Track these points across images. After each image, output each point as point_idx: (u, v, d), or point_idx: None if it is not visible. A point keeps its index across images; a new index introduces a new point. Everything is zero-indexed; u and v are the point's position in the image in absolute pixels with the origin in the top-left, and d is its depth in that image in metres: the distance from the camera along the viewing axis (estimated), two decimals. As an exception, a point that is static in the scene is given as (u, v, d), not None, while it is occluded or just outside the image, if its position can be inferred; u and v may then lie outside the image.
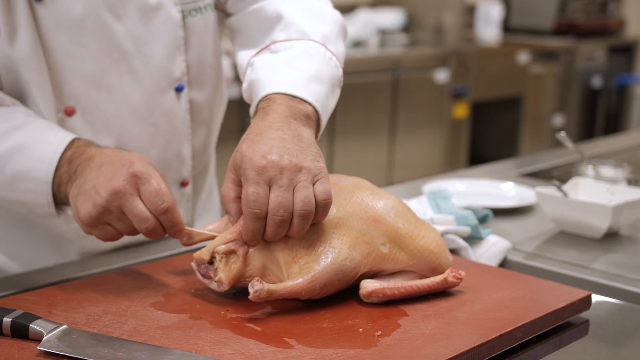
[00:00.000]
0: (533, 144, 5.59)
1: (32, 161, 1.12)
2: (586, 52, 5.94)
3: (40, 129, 1.16)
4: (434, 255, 1.10)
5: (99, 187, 1.04)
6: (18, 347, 0.90)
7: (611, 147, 2.44)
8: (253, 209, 1.00)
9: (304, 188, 1.01)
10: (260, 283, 0.97)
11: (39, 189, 1.13)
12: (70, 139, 1.14)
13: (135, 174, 1.04)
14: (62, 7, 1.19)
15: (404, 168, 4.70)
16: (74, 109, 1.25)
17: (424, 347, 0.92)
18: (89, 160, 1.09)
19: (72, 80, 1.24)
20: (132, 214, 1.04)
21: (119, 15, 1.24)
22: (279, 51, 1.28)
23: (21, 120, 1.16)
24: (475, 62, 5.05)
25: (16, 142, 1.13)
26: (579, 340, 1.07)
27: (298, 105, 1.15)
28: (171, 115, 1.34)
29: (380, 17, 5.16)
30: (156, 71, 1.30)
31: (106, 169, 1.06)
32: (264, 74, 1.22)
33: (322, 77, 1.23)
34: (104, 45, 1.24)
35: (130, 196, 1.03)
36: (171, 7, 1.29)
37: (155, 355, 0.87)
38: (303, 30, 1.29)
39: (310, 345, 0.92)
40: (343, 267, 1.03)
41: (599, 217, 1.44)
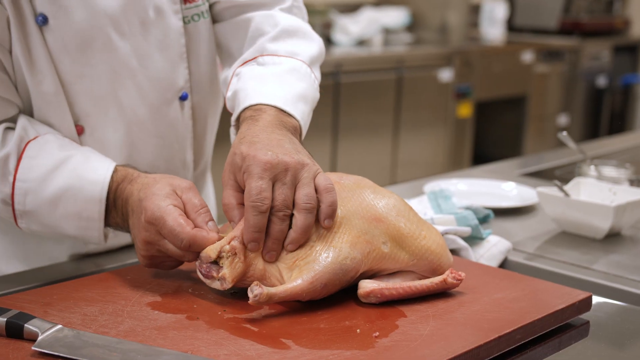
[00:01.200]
0: (537, 143, 5.58)
1: (81, 204, 1.15)
2: (591, 52, 5.92)
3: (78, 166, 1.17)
4: (435, 256, 1.09)
5: (134, 236, 1.11)
6: (13, 347, 0.90)
7: (614, 147, 2.43)
8: (255, 202, 1.00)
9: (307, 185, 1.03)
10: (260, 287, 0.97)
11: (91, 226, 1.17)
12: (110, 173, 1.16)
13: (150, 221, 1.05)
14: (68, 30, 1.18)
15: (407, 167, 4.69)
16: (83, 127, 1.25)
17: (422, 349, 0.91)
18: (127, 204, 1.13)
19: (81, 100, 1.23)
20: (168, 254, 1.07)
21: (123, 32, 1.23)
22: (266, 64, 1.29)
23: (56, 156, 1.17)
24: (479, 61, 5.04)
25: (61, 185, 1.16)
26: (579, 341, 1.06)
27: (285, 118, 1.17)
28: (176, 125, 1.34)
29: (385, 15, 5.14)
30: (160, 84, 1.29)
31: (134, 219, 1.10)
32: (252, 84, 1.22)
33: (307, 97, 1.25)
34: (112, 64, 1.23)
35: (159, 241, 1.06)
36: (172, 17, 1.28)
37: (150, 356, 0.86)
38: (292, 49, 1.31)
39: (307, 346, 0.91)
40: (344, 266, 1.02)
41: (601, 217, 1.44)
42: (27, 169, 1.16)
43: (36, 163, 1.16)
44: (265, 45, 1.31)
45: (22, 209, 1.17)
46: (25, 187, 1.16)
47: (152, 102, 1.29)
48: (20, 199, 1.16)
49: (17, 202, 1.16)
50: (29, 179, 1.16)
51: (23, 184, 1.16)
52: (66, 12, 1.17)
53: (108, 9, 1.20)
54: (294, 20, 1.35)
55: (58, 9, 1.17)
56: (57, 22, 1.17)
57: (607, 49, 6.07)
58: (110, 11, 1.20)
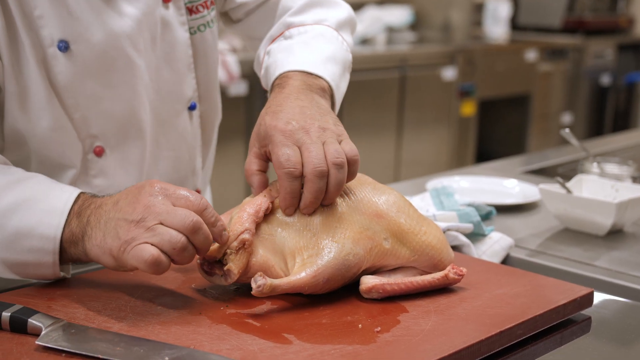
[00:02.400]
0: (541, 142, 5.57)
1: (39, 215, 1.01)
2: (595, 50, 5.91)
3: (45, 183, 1.07)
4: (435, 251, 1.10)
5: (125, 215, 0.96)
6: (17, 342, 0.90)
7: (617, 144, 2.43)
8: (287, 168, 1.02)
9: (332, 143, 1.05)
10: (263, 278, 0.97)
11: (45, 247, 1.01)
12: (78, 192, 1.04)
13: (161, 187, 0.97)
14: (90, 53, 1.17)
15: (411, 166, 4.70)
16: (103, 148, 1.23)
17: (423, 344, 0.91)
18: (100, 207, 1.00)
19: (101, 121, 1.21)
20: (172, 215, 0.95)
21: (139, 49, 1.21)
22: (293, 36, 1.32)
23: (21, 174, 1.08)
24: (483, 60, 5.04)
25: (19, 196, 1.03)
26: (581, 337, 1.06)
27: (313, 80, 1.19)
28: (185, 135, 1.34)
29: (388, 14, 5.14)
30: (169, 96, 1.29)
31: (125, 201, 0.97)
32: (280, 56, 1.26)
33: (336, 58, 1.27)
34: (130, 82, 1.21)
35: (162, 204, 0.96)
36: (179, 29, 1.28)
37: (153, 350, 0.87)
38: (317, 17, 1.34)
39: (308, 341, 0.92)
40: (346, 261, 1.03)
41: (603, 214, 1.44)
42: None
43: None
44: (290, 19, 1.34)
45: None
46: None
47: (164, 116, 1.29)
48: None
49: None
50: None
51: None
52: (87, 35, 1.15)
53: (125, 28, 1.18)
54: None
55: (79, 33, 1.15)
56: (79, 47, 1.16)
57: (611, 47, 6.06)
58: (127, 30, 1.19)
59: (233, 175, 3.89)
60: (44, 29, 1.14)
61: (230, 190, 3.85)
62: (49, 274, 1.04)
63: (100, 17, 1.16)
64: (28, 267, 1.04)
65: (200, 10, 1.30)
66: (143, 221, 0.95)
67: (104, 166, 1.24)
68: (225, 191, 3.80)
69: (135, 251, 0.94)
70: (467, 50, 4.95)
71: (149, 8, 1.21)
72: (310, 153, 1.03)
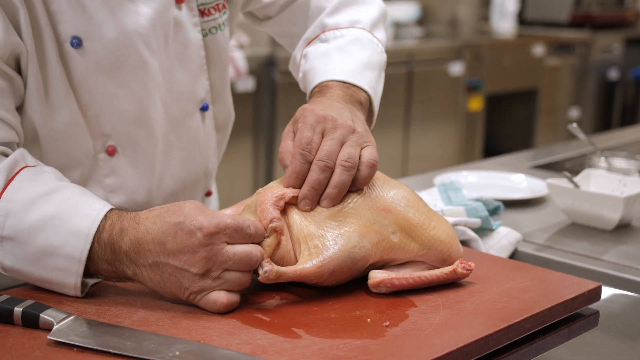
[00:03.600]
0: (548, 137, 5.56)
1: (65, 235, 1.00)
2: (602, 45, 5.90)
3: (74, 197, 1.04)
4: (444, 246, 1.10)
5: (184, 265, 0.96)
6: (29, 336, 0.91)
7: (625, 139, 2.42)
8: (303, 150, 1.06)
9: (352, 147, 1.07)
10: (270, 264, 0.98)
11: (69, 268, 1.01)
12: (105, 211, 1.02)
13: (210, 233, 0.96)
14: (102, 50, 1.17)
15: (418, 161, 4.70)
16: (115, 148, 1.23)
17: (432, 338, 0.92)
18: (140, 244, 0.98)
19: (113, 120, 1.22)
20: (234, 260, 0.97)
21: (152, 48, 1.22)
22: (329, 40, 1.35)
23: (51, 184, 1.06)
24: (490, 54, 5.03)
25: (47, 213, 1.02)
26: (589, 331, 1.06)
27: (352, 92, 1.23)
28: (197, 136, 1.35)
29: (395, 9, 5.14)
30: (182, 96, 1.30)
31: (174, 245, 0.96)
32: (318, 62, 1.29)
33: (373, 63, 1.31)
34: (142, 81, 1.22)
35: (222, 250, 0.97)
36: (191, 30, 1.28)
37: (164, 345, 0.88)
38: (352, 17, 1.36)
39: (318, 335, 0.92)
40: (352, 254, 1.03)
41: (611, 208, 1.44)
42: (15, 189, 1.04)
43: (27, 186, 1.04)
44: (325, 20, 1.37)
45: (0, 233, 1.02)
46: (8, 207, 1.02)
47: (176, 116, 1.30)
48: (0, 221, 1.02)
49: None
50: (14, 199, 1.02)
51: (6, 204, 1.02)
52: (99, 32, 1.16)
53: (139, 27, 1.19)
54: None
55: (91, 30, 1.16)
56: (92, 44, 1.16)
57: (619, 41, 6.04)
58: (140, 29, 1.19)
59: (241, 171, 3.89)
60: (59, 25, 1.15)
61: (237, 187, 3.86)
62: (70, 294, 1.03)
63: (114, 15, 1.17)
64: (51, 285, 1.03)
65: (212, 13, 1.31)
66: (208, 272, 0.97)
67: (116, 165, 1.25)
68: (233, 187, 3.81)
69: (207, 300, 0.98)
70: (474, 45, 4.94)
71: (162, 8, 1.22)
72: (324, 146, 1.07)
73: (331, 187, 1.05)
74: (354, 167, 1.06)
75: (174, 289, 0.98)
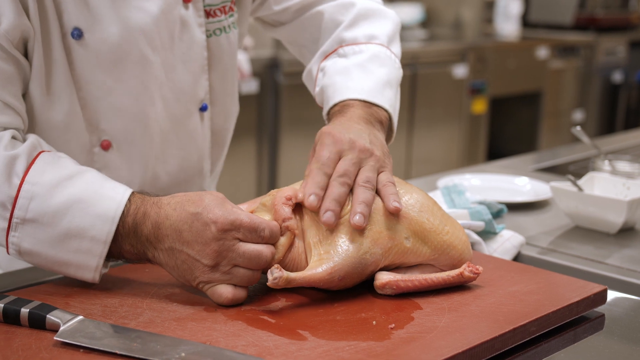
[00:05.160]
0: (552, 139, 5.56)
1: (91, 218, 1.03)
2: (606, 47, 5.89)
3: (96, 182, 1.07)
4: (456, 251, 1.10)
5: (197, 255, 1.00)
6: (35, 337, 0.91)
7: (629, 142, 2.42)
8: (321, 167, 1.08)
9: (369, 171, 1.09)
10: (280, 270, 0.98)
11: (94, 250, 1.03)
12: (128, 195, 1.05)
13: (224, 228, 0.99)
14: (103, 44, 1.17)
15: (422, 163, 4.70)
16: (110, 142, 1.24)
17: (437, 340, 0.92)
18: (159, 228, 1.02)
19: (110, 115, 1.22)
20: (245, 258, 1.00)
21: (155, 46, 1.22)
22: (348, 55, 1.35)
23: (72, 168, 1.08)
24: (494, 57, 5.03)
25: (72, 196, 1.04)
26: (594, 335, 1.07)
27: (373, 112, 1.24)
28: (195, 136, 1.35)
29: (399, 12, 5.10)
30: (183, 96, 1.30)
31: (189, 234, 1.00)
32: (339, 79, 1.30)
33: (391, 81, 1.32)
34: (142, 78, 1.22)
35: (234, 246, 1.00)
36: (196, 29, 1.28)
37: (170, 346, 0.88)
38: (369, 32, 1.37)
39: (323, 337, 0.92)
40: (363, 260, 1.03)
41: (615, 212, 1.44)
42: (39, 172, 1.05)
43: (51, 168, 1.06)
44: (343, 34, 1.37)
45: (22, 216, 1.03)
46: (32, 190, 1.04)
47: (175, 114, 1.30)
48: (24, 203, 1.03)
49: (19, 207, 1.03)
50: (39, 182, 1.04)
51: (31, 187, 1.04)
52: (101, 26, 1.16)
53: (142, 24, 1.19)
54: (363, 2, 1.41)
55: (93, 22, 1.16)
56: (92, 37, 1.17)
57: (623, 44, 6.04)
58: (144, 26, 1.19)
59: (244, 173, 3.90)
60: (63, 14, 1.15)
61: (241, 189, 3.87)
62: (88, 277, 1.06)
63: (117, 10, 1.17)
64: (70, 267, 1.05)
65: (218, 14, 1.31)
66: (217, 266, 1.00)
67: (110, 160, 1.25)
68: (236, 189, 3.82)
69: (214, 292, 1.01)
70: (478, 48, 4.94)
71: (168, 6, 1.22)
72: (341, 165, 1.08)
73: (357, 203, 1.06)
74: (374, 189, 1.08)
75: (186, 275, 1.02)
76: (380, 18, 1.40)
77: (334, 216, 1.05)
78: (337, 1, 1.40)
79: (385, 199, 1.08)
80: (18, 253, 1.06)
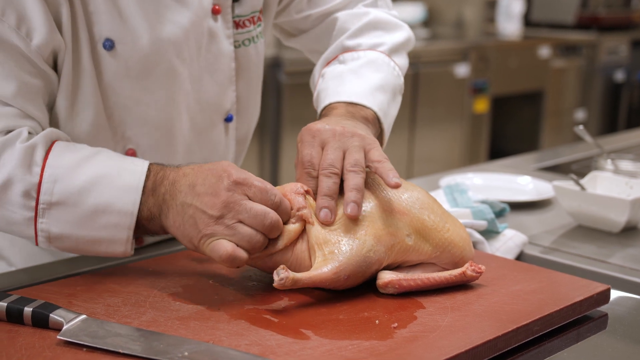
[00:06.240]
0: (554, 139, 5.56)
1: (116, 191, 1.05)
2: (609, 46, 5.89)
3: (113, 158, 1.09)
4: (457, 249, 1.10)
5: (204, 206, 1.00)
6: (39, 336, 0.91)
7: (631, 141, 2.42)
8: (307, 169, 1.09)
9: (355, 152, 1.08)
10: (286, 271, 0.98)
11: (122, 222, 1.05)
12: (147, 164, 1.08)
13: (237, 181, 1.01)
14: (133, 55, 1.18)
15: (424, 163, 4.70)
16: (135, 151, 1.24)
17: (440, 339, 0.92)
18: (175, 184, 1.04)
19: (136, 125, 1.22)
20: (250, 214, 1.00)
21: (184, 58, 1.22)
22: (346, 61, 1.36)
23: (88, 150, 1.10)
24: (496, 56, 5.03)
25: (93, 173, 1.06)
26: (597, 334, 1.07)
27: (356, 110, 1.24)
28: (219, 146, 1.35)
29: (401, 11, 5.09)
30: (209, 107, 1.30)
31: (202, 187, 1.02)
32: (332, 84, 1.31)
33: (385, 86, 1.31)
34: (170, 89, 1.22)
35: (242, 201, 1.00)
36: (224, 41, 1.29)
37: (172, 346, 0.88)
38: (374, 40, 1.38)
39: (326, 336, 0.92)
40: (367, 258, 1.03)
41: (617, 211, 1.44)
42: (58, 156, 1.07)
43: (68, 152, 1.08)
44: (345, 42, 1.38)
45: (48, 200, 1.05)
46: (55, 173, 1.06)
47: (200, 125, 1.30)
48: (49, 187, 1.05)
49: (44, 192, 1.05)
50: (60, 165, 1.06)
51: (54, 170, 1.06)
52: (133, 37, 1.17)
53: (172, 36, 1.20)
54: (378, 13, 1.41)
55: (125, 34, 1.16)
56: (124, 47, 1.17)
57: (625, 43, 6.04)
58: (174, 38, 1.20)
59: (246, 172, 3.89)
60: (95, 26, 1.16)
61: (243, 187, 3.86)
62: (119, 251, 1.08)
63: (149, 21, 1.18)
64: (101, 244, 1.07)
65: (247, 25, 1.32)
66: (222, 218, 1.00)
67: None
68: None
69: (214, 246, 1.00)
70: (480, 47, 4.94)
71: (198, 18, 1.22)
72: (326, 155, 1.08)
73: (348, 191, 1.05)
74: (363, 171, 1.07)
75: (190, 231, 1.02)
76: (391, 30, 1.41)
77: (330, 212, 1.05)
78: (354, 10, 1.41)
79: (384, 176, 1.07)
80: (48, 240, 1.08)
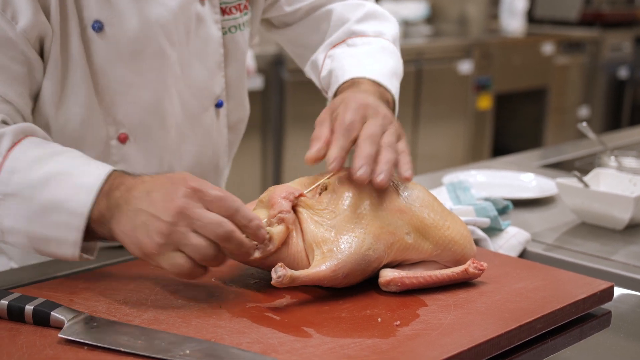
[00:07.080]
0: (558, 136, 5.55)
1: (71, 190, 1.01)
2: (612, 43, 5.88)
3: (78, 158, 1.07)
4: (458, 246, 1.10)
5: (158, 212, 0.95)
6: (40, 334, 0.91)
7: (635, 137, 2.41)
8: (347, 129, 1.08)
9: (392, 135, 1.10)
10: (284, 269, 0.98)
11: (72, 222, 1.01)
12: (110, 169, 1.03)
13: (194, 188, 0.95)
14: (122, 37, 1.18)
15: (427, 160, 4.69)
16: (127, 135, 1.24)
17: (443, 337, 0.92)
18: (131, 191, 0.99)
19: (128, 108, 1.23)
20: (204, 222, 0.94)
21: (172, 41, 1.23)
22: (357, 45, 1.38)
23: (56, 148, 1.08)
24: (499, 53, 5.02)
25: (52, 170, 1.03)
26: (600, 332, 1.06)
27: (382, 92, 1.26)
28: (211, 132, 1.36)
29: (404, 8, 5.13)
30: (199, 91, 1.31)
31: (158, 194, 0.96)
32: (347, 62, 1.32)
33: (398, 73, 1.35)
34: (160, 72, 1.23)
35: (197, 208, 0.94)
36: (212, 26, 1.30)
37: (174, 344, 0.88)
38: (377, 29, 1.41)
39: (328, 334, 0.92)
40: (366, 256, 1.03)
41: (621, 208, 1.43)
42: (24, 150, 1.05)
43: (36, 148, 1.06)
44: (352, 27, 1.40)
45: (4, 191, 1.03)
46: (14, 165, 1.03)
47: (191, 110, 1.31)
48: (5, 177, 1.03)
49: (1, 182, 1.03)
50: (22, 158, 1.04)
51: (12, 163, 1.04)
52: (121, 18, 1.18)
53: (160, 18, 1.21)
54: (371, 5, 1.46)
55: (113, 15, 1.17)
56: (112, 29, 1.18)
57: (629, 40, 6.02)
58: (162, 20, 1.21)
59: (249, 170, 3.90)
60: (84, 9, 1.16)
61: (246, 186, 3.86)
62: (69, 254, 1.03)
63: (138, 3, 1.19)
64: (51, 244, 1.03)
65: (233, 12, 1.33)
66: (174, 225, 0.94)
67: (126, 153, 1.26)
68: (241, 186, 3.81)
69: (167, 259, 0.95)
70: (483, 44, 4.93)
71: (185, 2, 1.24)
72: (369, 126, 1.09)
73: (383, 163, 1.06)
74: (396, 153, 1.08)
75: (141, 238, 0.96)
76: (385, 21, 1.45)
77: (368, 172, 1.04)
78: (349, 1, 1.44)
79: (401, 165, 1.09)
80: (1, 233, 1.05)
